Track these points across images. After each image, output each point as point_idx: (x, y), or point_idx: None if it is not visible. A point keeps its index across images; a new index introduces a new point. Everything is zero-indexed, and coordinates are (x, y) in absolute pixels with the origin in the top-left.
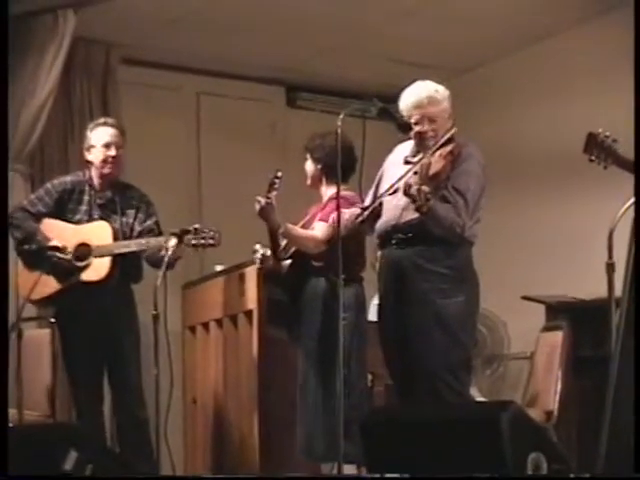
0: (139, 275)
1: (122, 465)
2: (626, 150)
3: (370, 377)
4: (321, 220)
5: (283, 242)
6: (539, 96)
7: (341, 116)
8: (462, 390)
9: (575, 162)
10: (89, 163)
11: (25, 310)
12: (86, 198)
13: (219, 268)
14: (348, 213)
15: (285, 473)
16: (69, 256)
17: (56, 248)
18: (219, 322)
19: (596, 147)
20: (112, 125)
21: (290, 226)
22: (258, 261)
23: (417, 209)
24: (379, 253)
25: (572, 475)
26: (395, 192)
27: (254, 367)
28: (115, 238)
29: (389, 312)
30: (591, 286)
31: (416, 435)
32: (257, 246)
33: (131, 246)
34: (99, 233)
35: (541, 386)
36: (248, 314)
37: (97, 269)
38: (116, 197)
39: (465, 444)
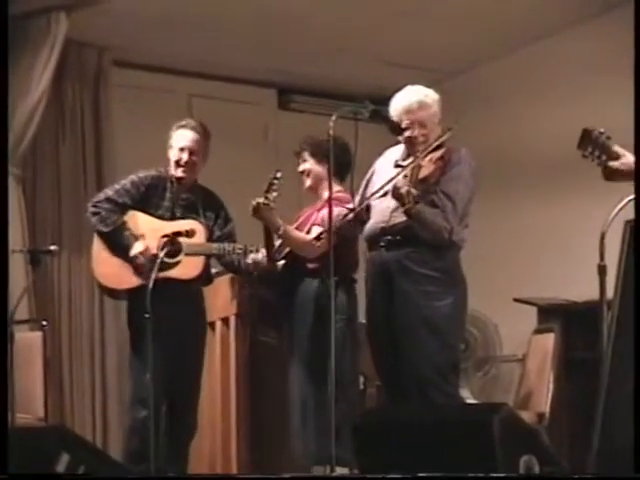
0: (211, 278)
1: (112, 466)
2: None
3: (362, 379)
4: (318, 224)
5: (277, 243)
6: (530, 98)
7: (333, 118)
8: (452, 392)
9: (567, 164)
10: (169, 161)
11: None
12: (168, 195)
13: (213, 271)
14: (342, 216)
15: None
16: (156, 257)
17: (145, 254)
18: (212, 325)
19: (590, 143)
20: (192, 128)
21: (290, 228)
22: (250, 265)
23: (405, 211)
24: (367, 255)
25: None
26: (384, 195)
27: (243, 370)
28: (208, 238)
29: (377, 314)
30: (583, 288)
31: (408, 437)
32: (250, 248)
33: (225, 249)
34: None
35: (533, 388)
36: (239, 317)
37: (188, 267)
38: (198, 199)
39: (457, 446)
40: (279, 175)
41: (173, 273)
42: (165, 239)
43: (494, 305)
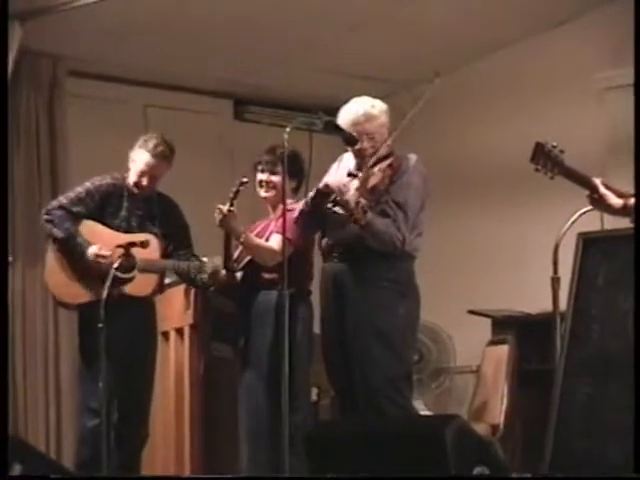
0: (162, 288)
1: (66, 476)
2: (572, 161)
3: (316, 390)
4: (277, 233)
5: (236, 254)
6: (483, 110)
7: (288, 130)
8: (405, 403)
9: (521, 176)
10: (129, 170)
11: None
12: (125, 204)
13: (166, 281)
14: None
15: None
16: (111, 264)
17: (101, 256)
18: (166, 335)
19: (543, 157)
20: (155, 155)
21: (252, 236)
22: (207, 275)
23: (354, 222)
24: (321, 266)
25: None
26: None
27: (197, 381)
28: (161, 256)
29: (330, 325)
30: (536, 300)
31: (361, 449)
32: (204, 259)
33: (181, 267)
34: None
35: (487, 399)
36: (193, 328)
37: (143, 284)
38: (155, 208)
39: (410, 458)
40: (245, 180)
41: (126, 289)
42: (119, 253)
43: (448, 316)
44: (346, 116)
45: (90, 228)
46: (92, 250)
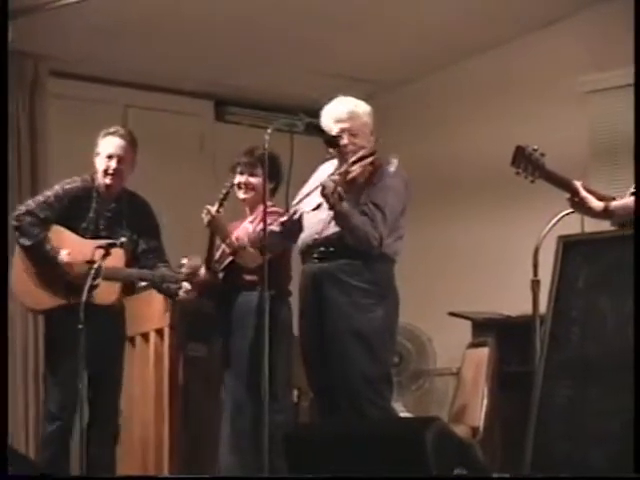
0: (133, 290)
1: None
2: (554, 164)
3: (296, 392)
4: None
5: (217, 255)
6: (465, 113)
7: (269, 131)
8: (385, 405)
9: (502, 179)
10: (96, 170)
11: None
12: (93, 206)
13: (144, 283)
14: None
15: None
16: (78, 271)
17: (68, 265)
18: (145, 336)
19: (523, 160)
20: (121, 136)
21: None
22: (195, 277)
23: (330, 207)
24: (301, 268)
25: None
26: (317, 207)
27: (176, 382)
28: (127, 262)
29: (309, 327)
30: (516, 303)
31: (340, 451)
32: (183, 260)
33: (145, 276)
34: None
35: (467, 402)
36: (172, 328)
37: (106, 292)
38: (123, 209)
39: (390, 460)
40: (236, 181)
41: (91, 296)
42: (85, 261)
43: (429, 318)
44: (330, 113)
45: (58, 234)
46: (64, 257)
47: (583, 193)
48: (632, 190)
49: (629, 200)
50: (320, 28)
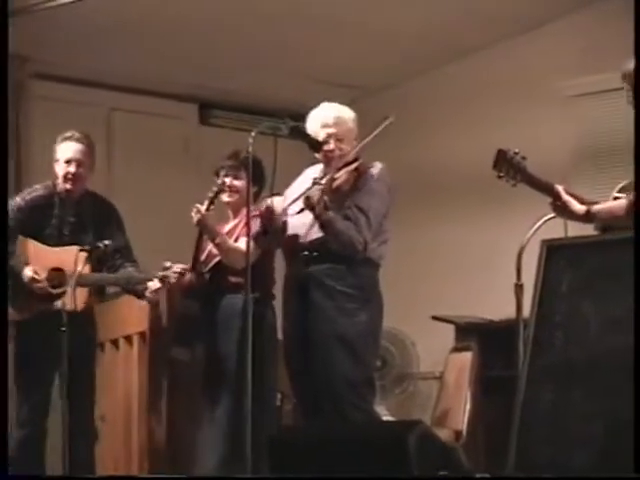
0: (104, 295)
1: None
2: (537, 168)
3: (279, 396)
4: (245, 236)
5: (203, 256)
6: (447, 116)
7: (253, 134)
8: (367, 408)
9: (485, 182)
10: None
11: None
12: (56, 212)
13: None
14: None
15: None
16: (44, 282)
17: (35, 280)
18: (128, 339)
19: (505, 164)
20: (77, 140)
21: (226, 238)
22: (173, 278)
23: (315, 217)
24: (285, 271)
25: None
26: (302, 211)
27: (158, 384)
28: (92, 268)
29: (293, 330)
30: (500, 307)
31: (323, 454)
32: (167, 263)
33: (110, 280)
34: (74, 259)
35: (450, 406)
36: (154, 332)
37: (74, 298)
38: (86, 212)
39: (372, 463)
40: (226, 181)
41: (61, 304)
42: (50, 269)
43: (412, 322)
44: (316, 118)
45: (23, 245)
46: (27, 273)
47: (565, 197)
48: (615, 194)
49: (611, 204)
50: (304, 33)
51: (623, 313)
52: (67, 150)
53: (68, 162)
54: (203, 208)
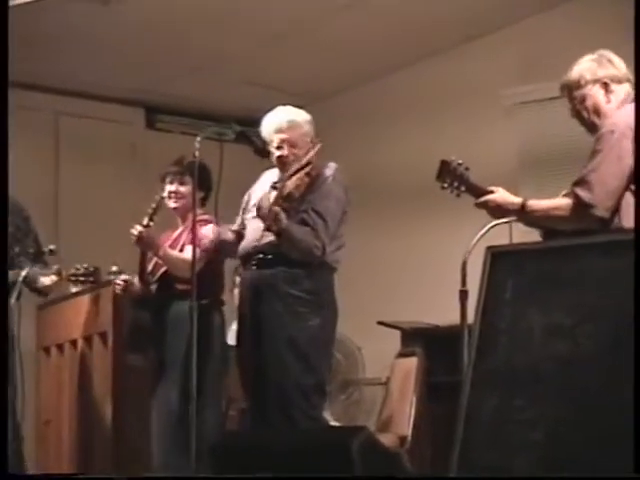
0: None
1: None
2: (482, 178)
3: (224, 402)
4: (190, 244)
5: (150, 266)
6: (391, 125)
7: (198, 139)
8: (315, 415)
9: (430, 188)
10: None
11: None
12: None
13: (75, 289)
14: (210, 236)
15: None
16: None
17: None
18: (74, 343)
19: (449, 175)
20: None
21: (169, 250)
22: (119, 286)
23: (268, 229)
24: (240, 275)
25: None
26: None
27: (108, 390)
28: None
29: (246, 335)
30: (446, 312)
31: (268, 460)
32: (114, 267)
33: (10, 277)
34: None
35: (395, 411)
36: (103, 336)
37: None
38: None
39: (317, 470)
40: (165, 195)
41: None
42: None
43: (358, 328)
44: (270, 124)
45: None
46: None
47: (500, 197)
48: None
49: (547, 201)
50: (251, 40)
51: (566, 320)
52: None
53: None
54: (139, 227)
